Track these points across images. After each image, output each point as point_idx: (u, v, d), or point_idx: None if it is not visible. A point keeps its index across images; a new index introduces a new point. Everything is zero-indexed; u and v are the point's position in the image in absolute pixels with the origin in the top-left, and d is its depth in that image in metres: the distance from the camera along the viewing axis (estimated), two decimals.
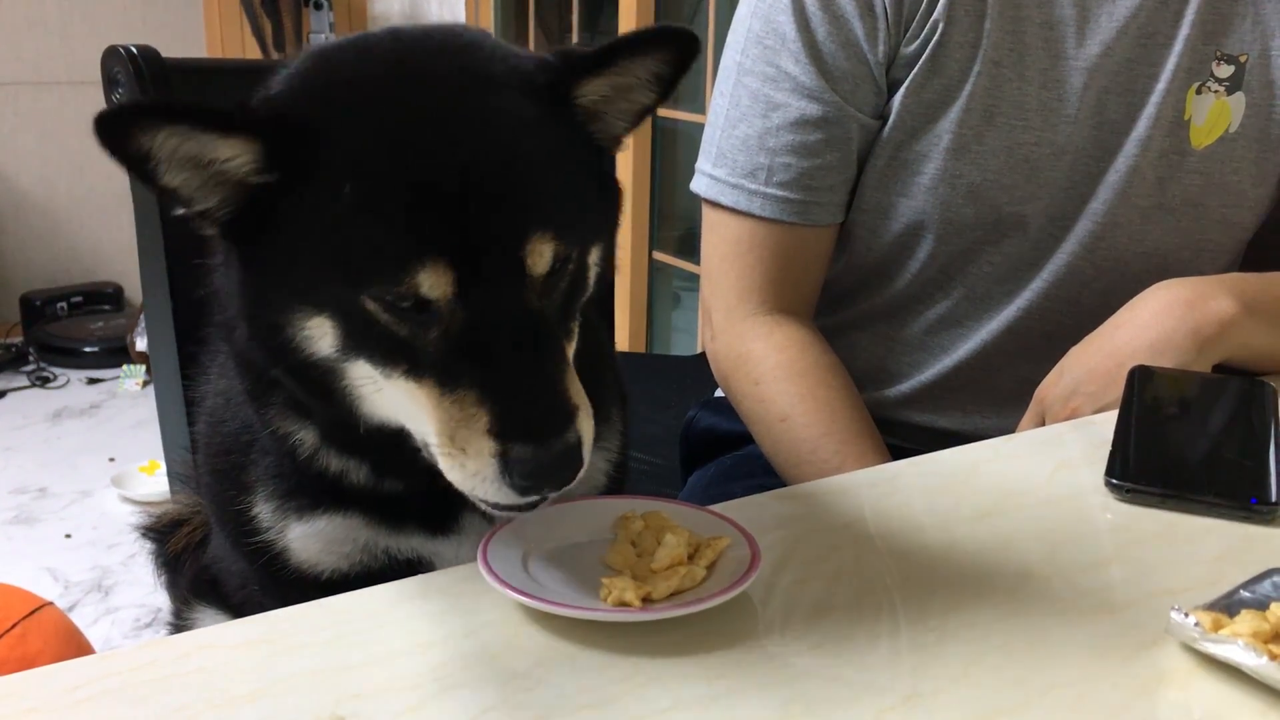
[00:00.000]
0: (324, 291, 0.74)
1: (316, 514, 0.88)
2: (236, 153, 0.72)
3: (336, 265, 0.73)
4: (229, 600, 1.10)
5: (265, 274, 0.76)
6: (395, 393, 0.75)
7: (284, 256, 0.75)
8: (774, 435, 1.28)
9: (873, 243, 1.34)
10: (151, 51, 1.33)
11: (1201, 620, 0.68)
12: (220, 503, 0.96)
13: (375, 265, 0.72)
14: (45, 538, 3.32)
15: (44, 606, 2.10)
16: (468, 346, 0.72)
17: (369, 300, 0.72)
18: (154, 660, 0.67)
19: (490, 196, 0.72)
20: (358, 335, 0.74)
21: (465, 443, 0.72)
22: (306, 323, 0.75)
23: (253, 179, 0.73)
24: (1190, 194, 1.29)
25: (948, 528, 0.87)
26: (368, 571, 0.89)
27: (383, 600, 0.73)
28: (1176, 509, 0.89)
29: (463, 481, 0.73)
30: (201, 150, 0.71)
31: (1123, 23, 1.24)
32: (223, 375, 0.96)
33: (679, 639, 0.69)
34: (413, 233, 0.71)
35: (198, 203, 0.74)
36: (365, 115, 0.74)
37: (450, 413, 0.73)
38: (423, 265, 0.70)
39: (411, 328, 0.72)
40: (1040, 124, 1.25)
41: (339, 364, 0.76)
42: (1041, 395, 1.18)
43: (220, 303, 0.85)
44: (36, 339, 4.84)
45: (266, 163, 0.72)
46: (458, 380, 0.72)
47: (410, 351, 0.73)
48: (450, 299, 0.71)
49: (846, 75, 1.25)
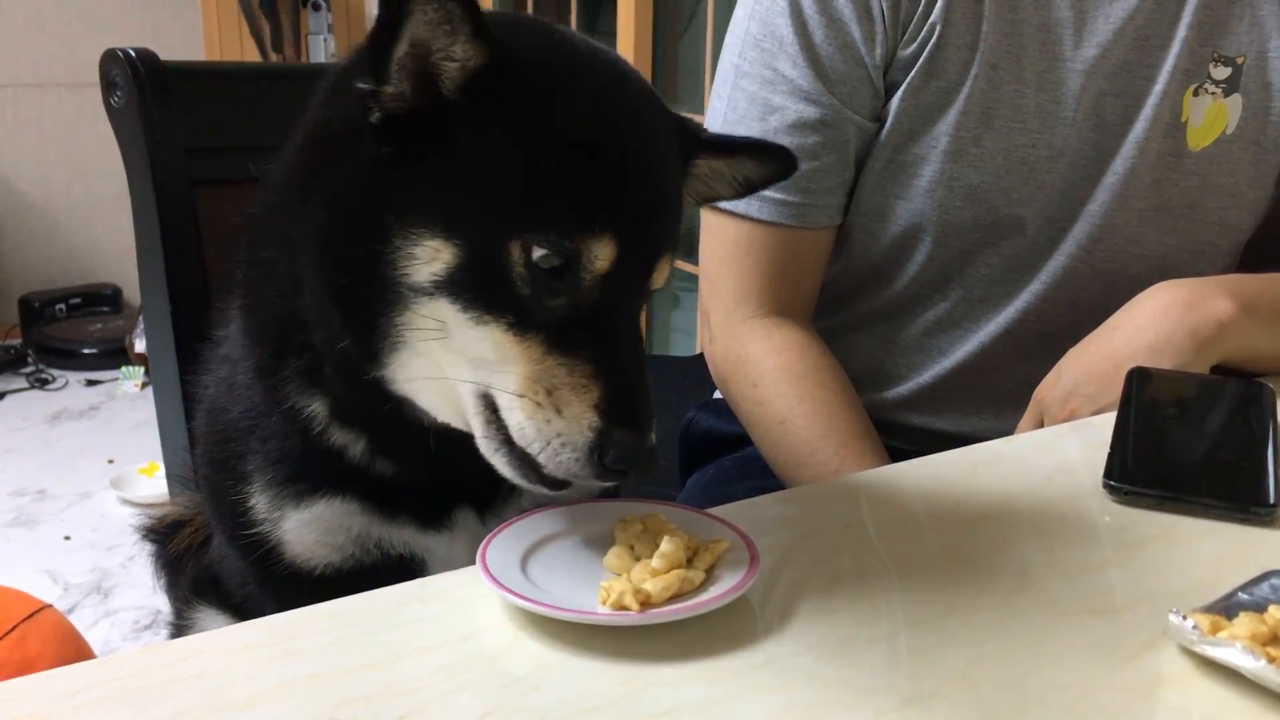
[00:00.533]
0: (466, 220, 0.75)
1: (315, 498, 0.88)
2: (467, 54, 0.74)
3: (500, 199, 0.75)
4: (230, 599, 1.10)
5: (398, 186, 0.76)
6: (476, 341, 0.76)
7: (432, 175, 0.76)
8: (773, 437, 1.28)
9: (871, 245, 1.34)
10: (149, 54, 1.33)
11: (1199, 623, 0.68)
12: (217, 494, 0.96)
13: (552, 214, 0.75)
14: (44, 540, 3.32)
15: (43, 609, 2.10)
16: (593, 324, 0.76)
17: (516, 244, 0.74)
18: (152, 665, 0.67)
19: (659, 206, 0.80)
20: (469, 272, 0.75)
21: (564, 404, 0.75)
22: (423, 243, 0.75)
23: (449, 90, 0.75)
24: (1188, 196, 1.29)
25: (947, 530, 0.87)
26: (359, 567, 0.90)
27: (382, 604, 0.73)
28: (1175, 511, 0.89)
29: (536, 437, 0.75)
30: (446, 37, 0.73)
31: (1120, 25, 1.24)
32: (225, 361, 0.96)
33: (678, 642, 0.69)
34: (604, 204, 0.76)
35: (392, 86, 0.75)
36: (576, 81, 0.79)
37: (555, 373, 0.75)
38: (602, 234, 0.75)
39: (537, 286, 0.74)
40: (1038, 126, 1.25)
41: (424, 296, 0.76)
42: (1040, 396, 1.18)
43: (262, 236, 0.86)
44: (35, 341, 4.84)
45: (474, 79, 0.75)
46: (575, 349, 0.75)
47: (518, 307, 0.75)
48: (597, 276, 0.76)
49: (844, 78, 1.25)
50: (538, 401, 0.75)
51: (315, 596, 0.75)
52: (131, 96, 1.31)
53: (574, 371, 0.75)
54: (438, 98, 0.76)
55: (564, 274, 0.75)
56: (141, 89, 1.30)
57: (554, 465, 0.75)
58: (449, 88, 0.76)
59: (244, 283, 0.91)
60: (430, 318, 0.77)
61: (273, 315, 0.87)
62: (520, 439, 0.76)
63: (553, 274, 0.74)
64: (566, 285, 0.75)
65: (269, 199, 0.87)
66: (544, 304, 0.75)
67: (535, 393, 0.75)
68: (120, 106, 1.33)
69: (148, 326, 1.44)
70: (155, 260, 1.37)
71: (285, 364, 0.86)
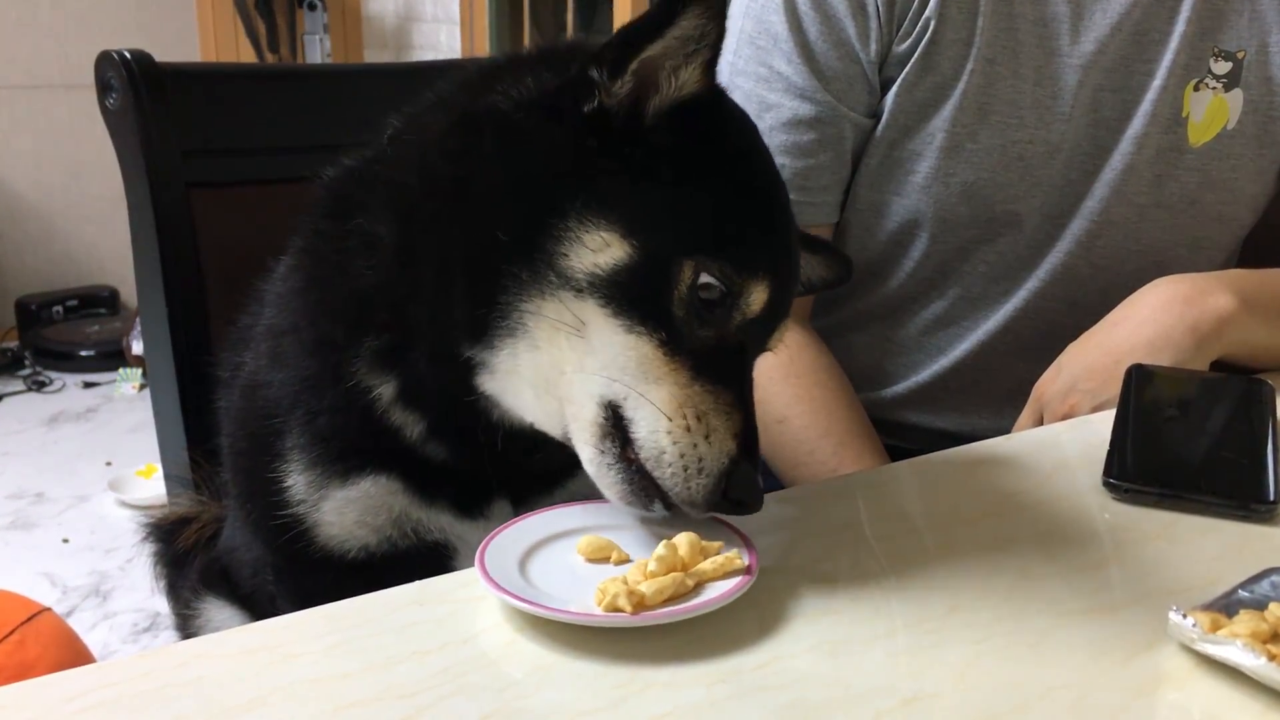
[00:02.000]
0: (648, 227, 0.77)
1: (362, 475, 0.89)
2: (692, 75, 0.78)
3: (686, 220, 0.79)
4: (239, 590, 1.11)
5: (592, 176, 0.78)
6: (623, 350, 0.77)
7: (628, 178, 0.78)
8: (771, 436, 1.28)
9: (868, 241, 1.34)
10: (145, 56, 1.32)
11: (1200, 621, 0.67)
12: (250, 474, 0.95)
13: (729, 248, 0.78)
14: (43, 543, 3.32)
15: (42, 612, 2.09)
16: (730, 361, 0.79)
17: (689, 265, 0.76)
18: (152, 670, 0.66)
19: (796, 269, 0.88)
20: (632, 276, 0.76)
21: (712, 430, 0.77)
22: (597, 233, 0.76)
23: (658, 100, 0.78)
24: (1188, 191, 1.29)
25: (946, 529, 0.87)
26: (394, 551, 0.90)
27: (380, 607, 0.73)
28: (1174, 508, 0.89)
29: (677, 460, 0.76)
30: (687, 51, 0.76)
31: (1117, 19, 1.24)
32: (270, 335, 0.95)
33: (677, 644, 0.69)
34: (770, 255, 0.81)
35: (620, 85, 0.77)
36: (756, 138, 0.87)
37: (704, 400, 0.77)
38: (764, 278, 0.79)
39: (692, 311, 0.77)
40: (1034, 122, 1.25)
41: (571, 289, 0.77)
42: (1039, 392, 1.18)
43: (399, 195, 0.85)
44: (32, 343, 4.83)
45: (681, 106, 0.78)
46: (718, 379, 0.78)
47: (670, 327, 0.77)
48: (747, 318, 0.80)
49: (839, 75, 1.25)
50: (687, 425, 0.76)
51: (342, 584, 0.76)
52: (127, 98, 1.30)
53: (719, 400, 0.78)
54: (637, 114, 0.79)
55: (718, 307, 0.78)
56: (137, 91, 1.30)
57: (682, 490, 0.76)
58: (656, 106, 0.79)
59: (316, 254, 0.91)
60: (569, 312, 0.77)
61: (353, 290, 0.86)
62: (654, 458, 0.76)
63: (710, 305, 0.77)
64: (719, 318, 0.78)
65: (378, 171, 0.88)
66: (694, 331, 0.77)
67: (684, 415, 0.76)
68: (115, 109, 1.32)
69: (145, 328, 1.43)
70: (152, 262, 1.36)
71: (357, 341, 0.86)
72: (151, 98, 1.31)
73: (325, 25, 4.97)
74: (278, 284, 0.97)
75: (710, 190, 0.80)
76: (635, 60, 0.76)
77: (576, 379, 0.78)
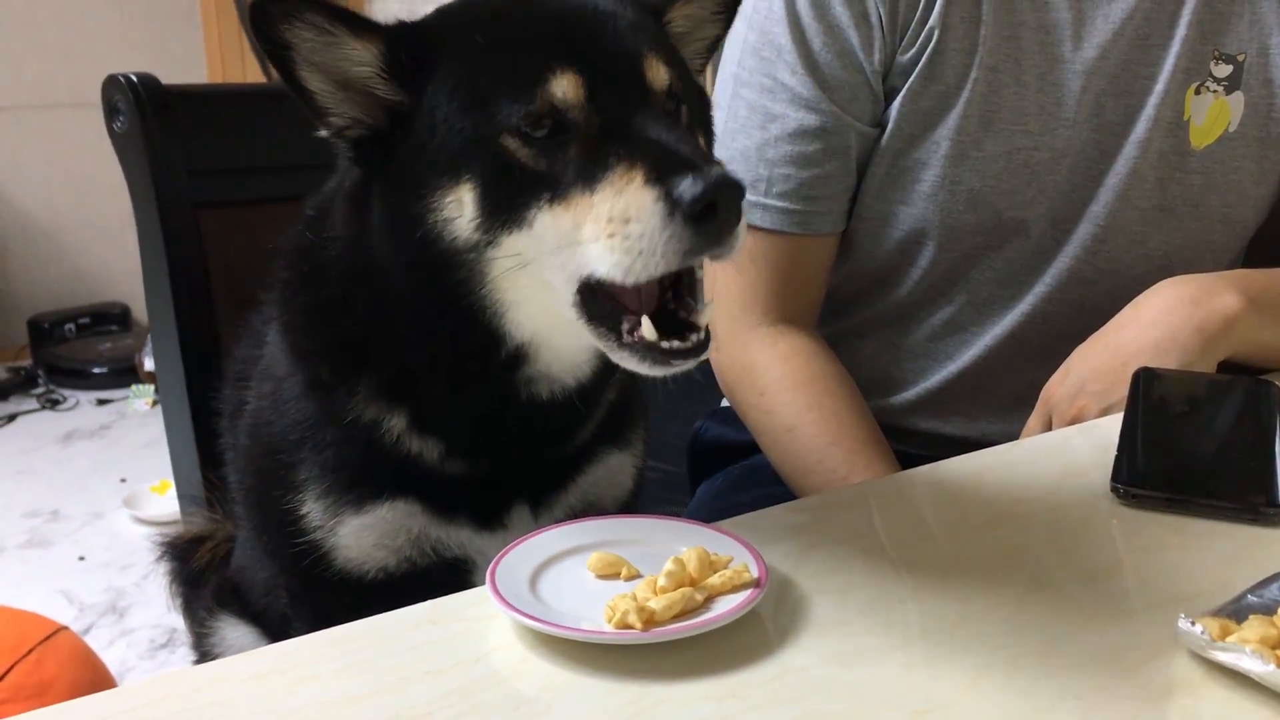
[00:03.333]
0: (460, 156, 0.80)
1: (378, 502, 0.91)
2: (362, 53, 0.81)
3: (469, 118, 0.80)
4: (251, 608, 1.12)
5: (398, 175, 0.83)
6: (541, 239, 0.79)
7: (415, 149, 0.82)
8: (781, 445, 1.28)
9: (874, 250, 1.34)
10: (151, 79, 1.33)
11: (1209, 628, 0.68)
12: (263, 506, 0.98)
13: (509, 95, 0.79)
14: (58, 560, 3.33)
15: (59, 631, 2.10)
16: (609, 140, 0.78)
17: (508, 137, 0.79)
18: (168, 694, 0.67)
19: (603, 32, 0.83)
20: (496, 193, 0.80)
21: (626, 209, 0.76)
22: (445, 199, 0.81)
23: (378, 89, 0.82)
24: (1191, 194, 1.29)
25: (956, 536, 0.88)
26: (412, 570, 0.92)
27: (392, 627, 0.74)
28: (1183, 513, 0.89)
29: (626, 256, 0.76)
30: (332, 47, 0.80)
31: (1119, 25, 1.24)
32: (267, 378, 0.98)
33: (689, 658, 0.69)
34: (538, 55, 0.80)
35: (334, 115, 0.82)
36: (483, 12, 0.87)
37: (606, 200, 0.77)
38: (552, 76, 0.79)
39: (550, 153, 0.79)
40: (1039, 128, 1.25)
41: (483, 246, 0.81)
42: (1048, 395, 1.18)
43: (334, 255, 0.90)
44: (45, 361, 4.85)
45: (387, 68, 0.82)
46: (605, 169, 0.77)
47: (547, 182, 0.79)
48: (583, 105, 0.79)
49: (843, 85, 1.25)
50: (610, 232, 0.77)
51: (359, 604, 0.77)
52: (134, 121, 1.31)
53: (615, 184, 0.77)
54: (376, 103, 0.83)
55: (559, 128, 0.79)
56: (143, 114, 1.31)
57: (654, 263, 0.76)
58: (375, 89, 0.83)
59: (302, 312, 0.94)
60: (503, 259, 0.81)
61: (336, 338, 0.90)
62: (618, 274, 0.77)
63: (552, 136, 0.79)
64: (568, 134, 0.79)
65: (337, 246, 0.91)
66: (564, 162, 0.79)
67: (604, 229, 0.77)
68: (123, 131, 1.33)
69: (155, 346, 1.44)
70: (161, 281, 1.37)
71: (352, 381, 0.90)
72: (158, 120, 1.33)
73: None
74: (268, 328, 1.00)
75: (461, 87, 0.82)
76: (296, 60, 0.80)
77: (554, 282, 0.81)
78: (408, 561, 0.92)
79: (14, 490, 3.81)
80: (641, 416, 1.06)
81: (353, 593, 0.92)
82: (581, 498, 0.99)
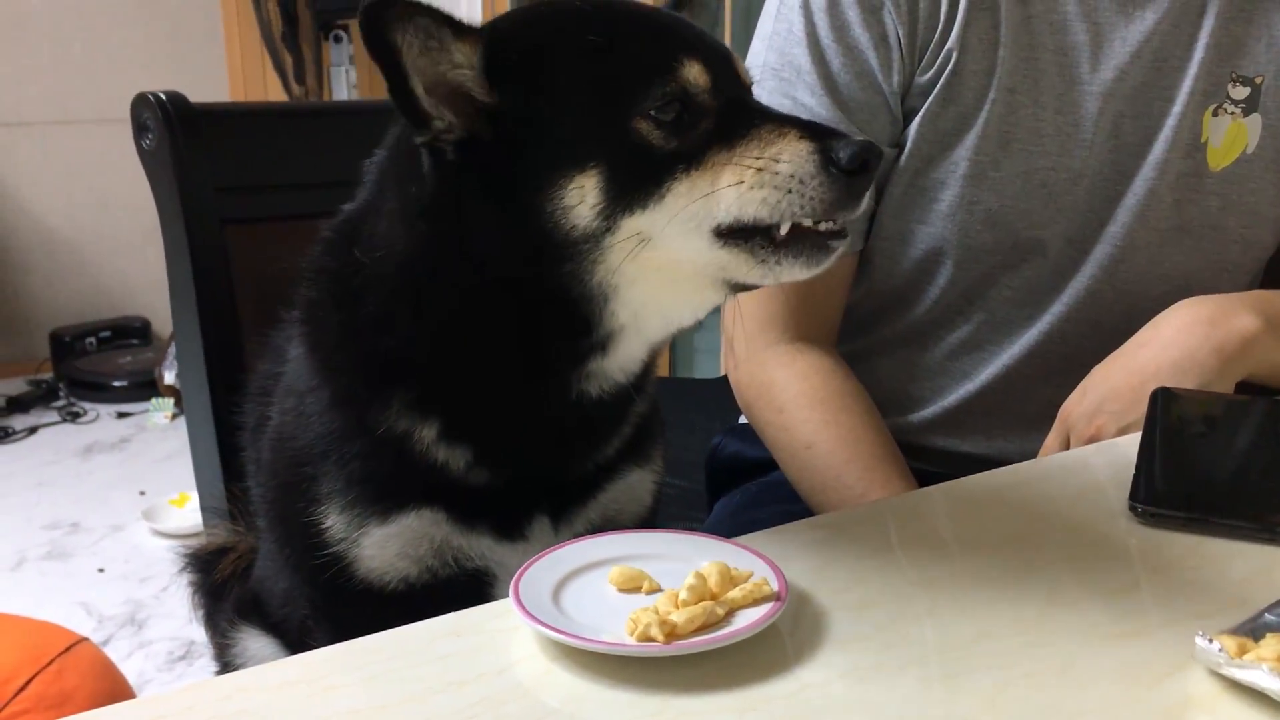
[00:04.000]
0: (583, 146, 0.83)
1: (405, 511, 0.92)
2: (462, 56, 0.83)
3: (593, 108, 0.84)
4: (270, 619, 1.13)
5: (501, 174, 0.85)
6: (672, 209, 0.83)
7: (524, 144, 0.84)
8: (799, 462, 1.29)
9: (892, 269, 1.35)
10: (180, 97, 1.35)
11: (1226, 645, 0.68)
12: (286, 519, 0.99)
13: (639, 83, 0.83)
14: (78, 572, 3.35)
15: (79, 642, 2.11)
16: (738, 116, 0.85)
17: (640, 121, 0.83)
18: (195, 703, 0.68)
19: (699, 30, 0.90)
20: (623, 176, 0.83)
21: (779, 152, 0.82)
22: (567, 188, 0.83)
23: (474, 91, 0.84)
24: (1209, 215, 1.29)
25: (975, 554, 0.88)
26: (434, 580, 0.93)
27: (417, 638, 0.75)
28: (1201, 532, 0.89)
29: (775, 194, 0.82)
30: (435, 50, 0.82)
31: (1136, 47, 1.25)
32: (290, 394, 1.00)
33: (709, 672, 0.70)
34: (665, 47, 0.86)
35: (436, 119, 0.83)
36: (583, 15, 0.88)
37: (752, 150, 0.83)
38: (681, 64, 0.84)
39: (681, 133, 0.83)
40: (1056, 149, 1.26)
41: (602, 234, 0.83)
42: (1065, 414, 1.19)
43: (403, 260, 0.90)
44: (66, 374, 4.88)
45: (486, 70, 0.84)
46: (744, 134, 0.83)
47: (687, 156, 0.83)
48: (709, 89, 0.84)
49: (862, 105, 1.26)
50: (759, 167, 0.82)
51: (380, 616, 0.77)
52: (162, 139, 1.33)
53: (760, 142, 0.83)
54: (475, 107, 0.85)
55: (687, 111, 0.83)
56: (172, 131, 1.33)
57: (800, 204, 0.82)
58: (473, 92, 0.84)
59: (334, 329, 0.95)
60: (622, 243, 0.83)
61: (371, 354, 0.92)
62: (765, 211, 0.82)
63: (678, 119, 0.83)
64: (693, 114, 0.84)
65: (392, 261, 0.91)
66: (695, 138, 0.83)
67: (744, 174, 0.82)
68: (151, 148, 1.35)
69: (180, 362, 1.46)
70: (187, 295, 1.39)
71: (386, 394, 0.91)
72: (186, 137, 1.34)
73: (351, 56, 5.01)
74: (292, 345, 1.01)
75: (584, 74, 0.85)
76: (403, 62, 0.82)
77: (681, 267, 0.86)
78: (429, 572, 0.93)
79: (35, 502, 3.84)
80: (660, 434, 1.08)
81: (374, 604, 0.93)
82: (601, 513, 1.00)
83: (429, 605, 0.78)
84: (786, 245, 0.84)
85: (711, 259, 0.85)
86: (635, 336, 0.90)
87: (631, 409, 0.99)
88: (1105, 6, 1.26)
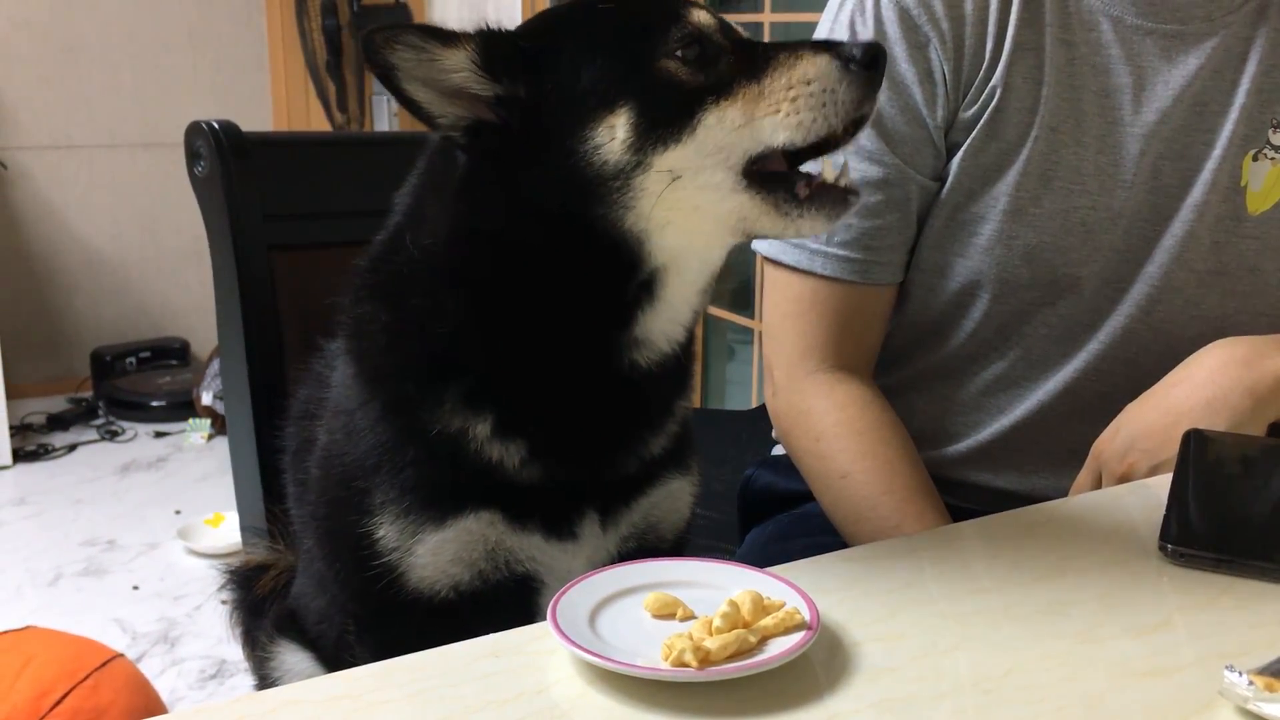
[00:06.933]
0: (610, 88, 0.89)
1: (461, 514, 0.95)
2: (455, 61, 0.90)
3: (615, 58, 0.91)
4: (307, 634, 1.16)
5: (526, 139, 0.91)
6: (703, 141, 0.89)
7: (553, 109, 0.91)
8: (834, 492, 1.30)
9: (930, 301, 1.36)
10: (231, 126, 1.39)
11: (1255, 680, 0.69)
12: (335, 535, 1.02)
13: (656, 28, 0.90)
14: (114, 589, 3.39)
15: (115, 658, 2.14)
16: (753, 51, 0.92)
17: (666, 60, 0.90)
18: (242, 716, 0.70)
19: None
20: (653, 112, 0.89)
21: (806, 74, 0.89)
22: (597, 128, 0.89)
23: (476, 89, 0.91)
24: (1247, 259, 1.30)
25: (1006, 590, 0.89)
26: (483, 585, 0.96)
27: (458, 658, 0.76)
28: (1231, 573, 0.89)
29: (810, 106, 0.89)
30: (428, 61, 0.89)
31: (1179, 91, 1.26)
32: (339, 413, 1.03)
33: (741, 699, 0.71)
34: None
35: (441, 117, 0.91)
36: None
37: (780, 77, 0.90)
38: (687, 10, 0.91)
39: (705, 68, 0.90)
40: (1096, 189, 1.27)
41: (629, 170, 0.89)
42: (1097, 451, 1.19)
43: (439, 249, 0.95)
44: (106, 393, 4.95)
45: (483, 64, 0.91)
46: (765, 64, 0.91)
47: (714, 88, 0.90)
48: (719, 29, 0.92)
49: (906, 139, 1.28)
50: (792, 96, 0.89)
51: (426, 630, 0.81)
52: (214, 166, 1.37)
53: (784, 66, 0.90)
54: (479, 102, 0.91)
55: (705, 49, 0.90)
56: (224, 159, 1.36)
57: (834, 113, 0.89)
58: (474, 90, 0.91)
59: (382, 334, 0.99)
60: (654, 181, 0.89)
61: (422, 353, 0.96)
62: (799, 135, 0.89)
63: (701, 55, 0.90)
64: (712, 51, 0.91)
65: (439, 246, 0.96)
66: (718, 72, 0.90)
67: (783, 98, 0.89)
68: (204, 176, 1.38)
69: (225, 383, 1.49)
70: (234, 319, 1.42)
71: (439, 392, 0.94)
72: (237, 165, 1.38)
73: None
74: (335, 369, 1.05)
75: (593, 37, 0.92)
76: (398, 76, 0.89)
77: (712, 184, 0.90)
78: (480, 577, 0.95)
79: (73, 519, 3.89)
80: (696, 450, 1.10)
81: (421, 615, 0.95)
82: (644, 516, 1.03)
83: (474, 616, 0.80)
84: (809, 201, 0.91)
85: (735, 205, 0.91)
86: (676, 279, 0.94)
87: (677, 400, 1.02)
88: (1149, 50, 1.27)
